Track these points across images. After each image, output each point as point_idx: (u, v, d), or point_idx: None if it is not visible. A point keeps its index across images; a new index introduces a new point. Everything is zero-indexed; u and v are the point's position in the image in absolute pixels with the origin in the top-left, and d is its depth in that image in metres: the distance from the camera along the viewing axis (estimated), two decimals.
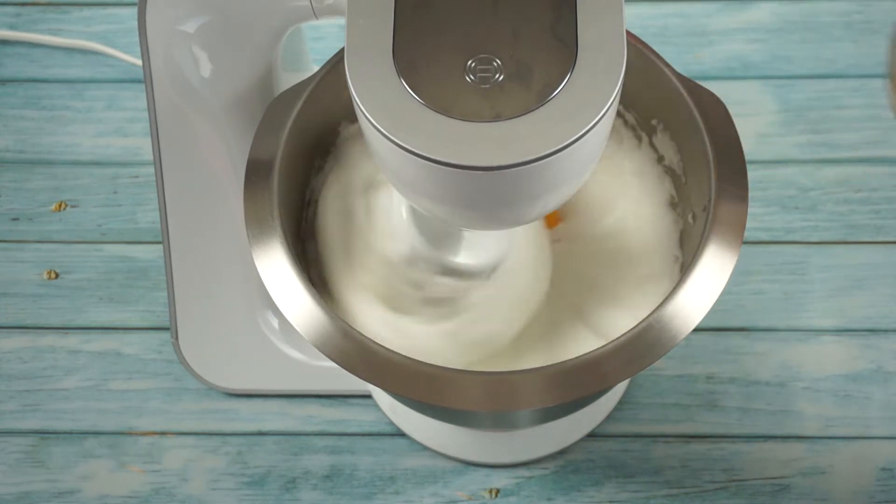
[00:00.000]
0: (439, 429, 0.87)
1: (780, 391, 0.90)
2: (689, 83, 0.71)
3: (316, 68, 0.73)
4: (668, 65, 0.71)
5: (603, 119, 0.58)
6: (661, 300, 0.65)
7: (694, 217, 0.72)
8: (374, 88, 0.58)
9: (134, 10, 1.07)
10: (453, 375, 0.63)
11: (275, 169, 0.69)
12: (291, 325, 0.65)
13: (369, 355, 0.64)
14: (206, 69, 0.74)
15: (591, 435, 0.88)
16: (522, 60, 0.58)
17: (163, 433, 0.90)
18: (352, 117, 0.75)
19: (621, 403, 0.89)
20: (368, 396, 0.90)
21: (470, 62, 0.58)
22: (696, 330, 0.64)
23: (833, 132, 1.01)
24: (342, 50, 0.66)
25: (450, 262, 0.71)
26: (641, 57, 0.71)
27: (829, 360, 0.91)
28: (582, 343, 0.74)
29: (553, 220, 0.77)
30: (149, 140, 1.01)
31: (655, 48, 0.71)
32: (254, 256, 0.67)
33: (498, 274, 0.73)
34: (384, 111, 0.58)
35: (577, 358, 0.63)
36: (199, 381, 0.91)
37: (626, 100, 0.73)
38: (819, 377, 0.90)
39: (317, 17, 0.71)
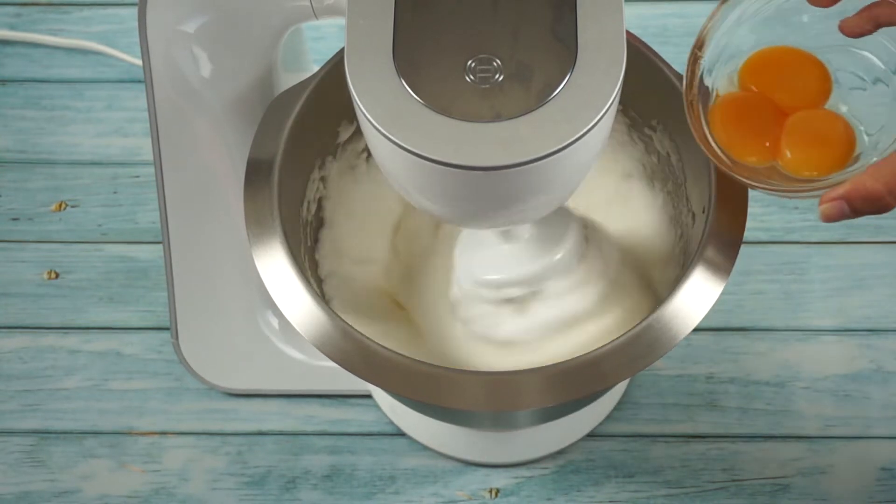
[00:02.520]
0: (439, 429, 0.87)
1: (779, 391, 0.90)
2: None
3: (316, 68, 0.73)
4: (668, 65, 0.71)
5: (603, 119, 0.58)
6: (661, 300, 0.65)
7: (694, 217, 0.72)
8: (374, 88, 0.58)
9: (134, 10, 1.07)
10: (453, 375, 0.63)
11: (275, 169, 0.69)
12: (291, 325, 0.65)
13: (369, 355, 0.64)
14: (206, 69, 0.74)
15: (591, 435, 0.88)
16: (522, 60, 0.58)
17: (163, 433, 0.90)
18: (352, 117, 0.75)
19: (621, 403, 0.89)
20: (368, 396, 0.90)
21: (470, 62, 0.58)
22: (696, 330, 0.64)
23: None
24: (342, 50, 0.66)
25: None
26: (641, 57, 0.71)
27: (828, 359, 0.91)
28: None
29: None
30: (149, 140, 1.01)
31: (655, 48, 0.71)
32: (254, 256, 0.67)
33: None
34: (384, 111, 0.58)
35: (577, 358, 0.63)
36: (199, 381, 0.91)
37: (626, 100, 0.73)
38: (819, 377, 0.90)
39: (317, 17, 0.71)
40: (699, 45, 0.64)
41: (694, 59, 0.64)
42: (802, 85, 0.64)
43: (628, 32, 0.63)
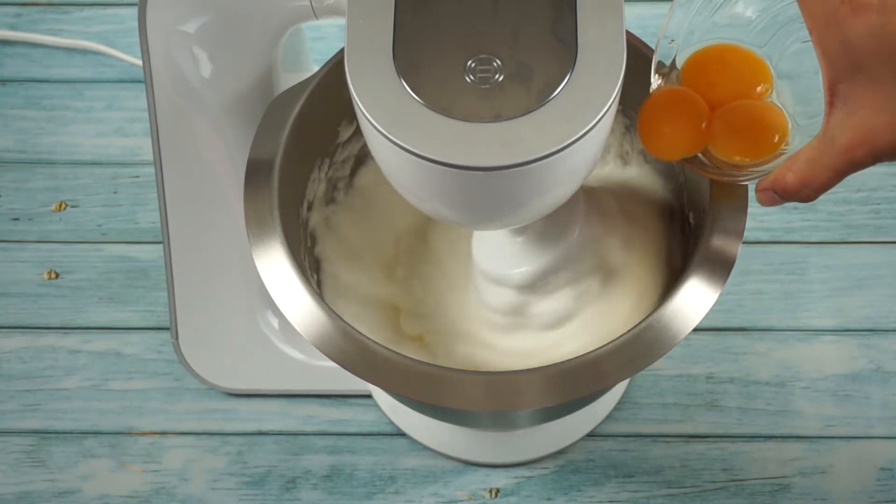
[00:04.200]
0: (439, 429, 0.87)
1: (779, 391, 0.90)
2: None
3: (316, 68, 0.73)
4: None
5: (603, 119, 0.58)
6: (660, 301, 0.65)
7: (694, 217, 0.72)
8: (374, 88, 0.58)
9: (134, 10, 1.07)
10: (453, 375, 0.63)
11: (275, 169, 0.69)
12: (291, 325, 0.65)
13: (369, 355, 0.64)
14: (206, 69, 0.74)
15: (591, 435, 0.88)
16: (522, 60, 0.58)
17: (163, 433, 0.90)
18: (352, 117, 0.75)
19: (621, 403, 0.89)
20: (368, 396, 0.90)
21: (470, 62, 0.58)
22: (696, 330, 0.64)
23: None
24: (342, 50, 0.66)
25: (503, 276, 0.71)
26: (641, 57, 0.71)
27: (828, 359, 0.91)
28: None
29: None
30: (149, 140, 1.01)
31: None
32: (254, 256, 0.67)
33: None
34: (384, 111, 0.58)
35: (576, 358, 0.63)
36: (199, 381, 0.91)
37: (626, 100, 0.73)
38: (818, 377, 0.90)
39: (317, 17, 0.71)
40: (658, 42, 0.65)
41: (654, 56, 0.65)
42: (739, 80, 0.65)
43: (628, 32, 0.63)
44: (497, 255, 0.72)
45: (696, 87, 0.65)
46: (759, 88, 0.65)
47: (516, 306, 0.72)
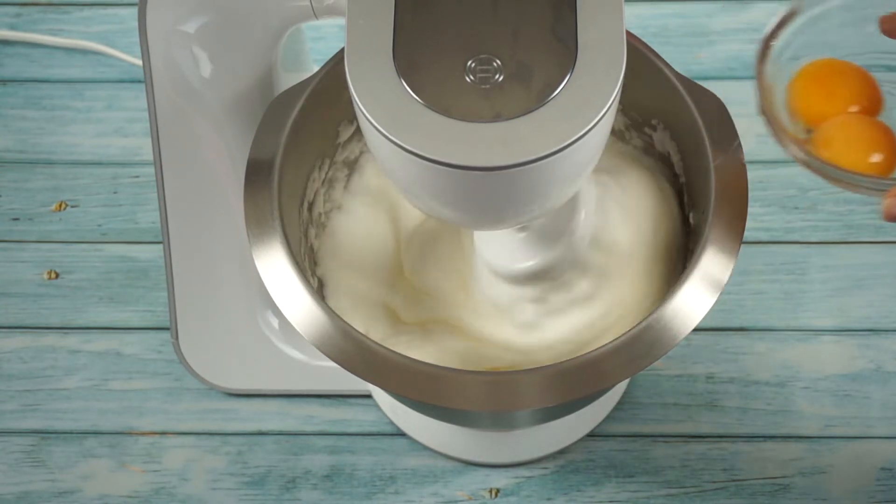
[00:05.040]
0: (439, 429, 0.87)
1: (779, 391, 0.90)
2: (688, 83, 0.71)
3: (316, 68, 0.73)
4: (668, 65, 0.71)
5: (603, 119, 0.58)
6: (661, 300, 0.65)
7: (694, 217, 0.72)
8: (374, 88, 0.58)
9: (134, 10, 1.07)
10: (453, 375, 0.63)
11: (275, 169, 0.69)
12: (291, 325, 0.65)
13: (369, 355, 0.64)
14: (206, 69, 0.74)
15: (591, 435, 0.88)
16: (522, 60, 0.58)
17: (163, 433, 0.90)
18: (352, 117, 0.75)
19: (621, 403, 0.89)
20: (368, 396, 0.90)
21: (470, 62, 0.58)
22: (696, 330, 0.64)
23: None
24: (342, 50, 0.66)
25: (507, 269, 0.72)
26: (641, 57, 0.71)
27: (828, 359, 0.91)
28: None
29: None
30: (149, 140, 1.01)
31: (655, 48, 0.71)
32: (254, 256, 0.67)
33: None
34: (384, 111, 0.58)
35: (576, 358, 0.63)
36: (199, 381, 0.91)
37: (626, 100, 0.73)
38: (818, 377, 0.90)
39: (317, 17, 0.71)
40: (780, 25, 0.65)
41: (769, 39, 0.65)
42: (855, 94, 0.65)
43: (628, 32, 0.63)
44: (500, 250, 0.72)
45: (811, 96, 0.65)
46: (871, 105, 0.65)
47: (515, 299, 0.72)
